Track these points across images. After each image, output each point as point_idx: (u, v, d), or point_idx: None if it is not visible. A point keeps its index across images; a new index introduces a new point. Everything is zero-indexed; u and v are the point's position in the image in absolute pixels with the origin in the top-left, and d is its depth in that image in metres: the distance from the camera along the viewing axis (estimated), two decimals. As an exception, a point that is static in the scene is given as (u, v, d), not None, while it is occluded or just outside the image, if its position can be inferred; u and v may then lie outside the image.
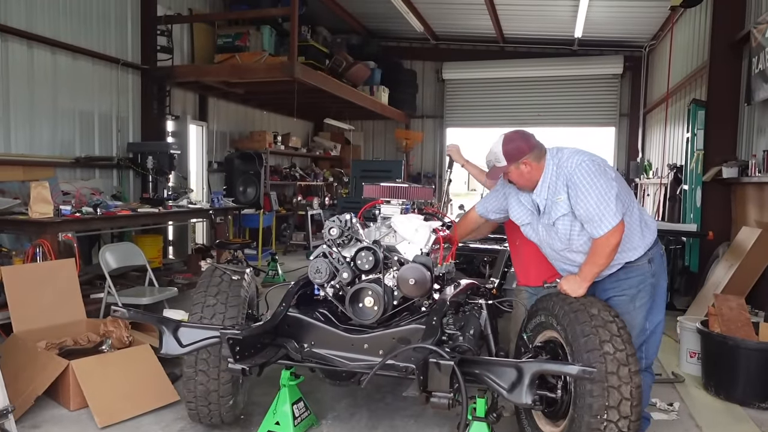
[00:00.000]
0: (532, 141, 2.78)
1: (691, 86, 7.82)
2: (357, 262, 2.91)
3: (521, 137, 2.79)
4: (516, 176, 2.81)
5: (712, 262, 5.97)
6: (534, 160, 2.75)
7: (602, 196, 2.57)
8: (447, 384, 2.17)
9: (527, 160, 2.74)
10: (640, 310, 2.77)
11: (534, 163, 2.75)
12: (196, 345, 2.66)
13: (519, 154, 2.73)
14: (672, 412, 3.59)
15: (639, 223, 2.79)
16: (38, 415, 3.35)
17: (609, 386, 2.32)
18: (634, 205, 2.80)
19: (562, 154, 2.74)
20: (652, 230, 2.84)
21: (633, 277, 2.77)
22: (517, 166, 2.76)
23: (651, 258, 2.79)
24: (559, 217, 2.72)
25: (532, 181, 2.79)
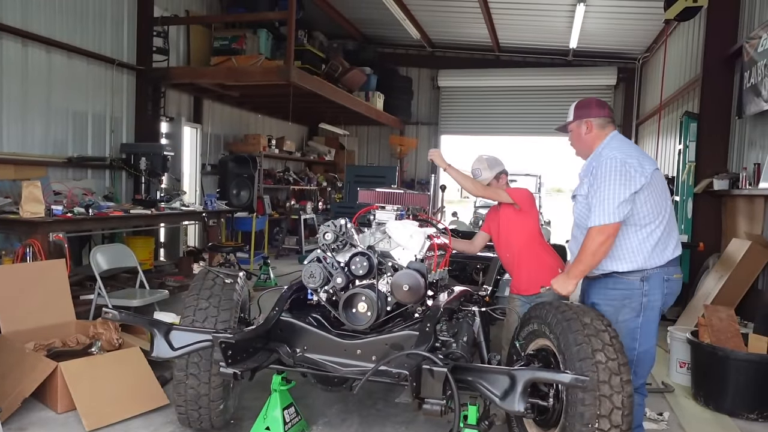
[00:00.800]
0: (602, 110, 2.87)
1: (684, 99, 7.90)
2: (351, 268, 2.91)
3: (596, 103, 2.91)
4: (575, 134, 2.92)
5: (702, 273, 6.01)
6: (596, 127, 2.85)
7: (609, 193, 2.61)
8: (440, 391, 2.17)
9: (590, 122, 2.86)
10: (623, 325, 2.69)
11: (594, 129, 2.85)
12: (188, 348, 2.64)
13: (584, 114, 2.87)
14: (662, 421, 3.60)
15: (655, 242, 2.68)
16: (25, 417, 3.31)
17: (601, 395, 2.33)
18: (660, 223, 2.70)
19: (609, 147, 2.78)
20: (665, 256, 2.72)
21: (620, 290, 2.74)
22: (579, 124, 2.89)
23: (645, 277, 2.71)
24: (578, 195, 2.84)
25: (587, 144, 2.87)
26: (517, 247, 3.49)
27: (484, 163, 3.61)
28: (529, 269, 3.45)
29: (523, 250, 3.48)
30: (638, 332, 2.73)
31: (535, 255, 3.47)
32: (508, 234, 3.53)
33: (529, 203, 3.52)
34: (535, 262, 3.45)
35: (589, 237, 2.65)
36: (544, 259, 3.47)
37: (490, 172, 3.60)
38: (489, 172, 3.60)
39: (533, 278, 3.36)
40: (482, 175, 3.59)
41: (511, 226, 3.52)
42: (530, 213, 3.51)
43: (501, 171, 3.65)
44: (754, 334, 3.98)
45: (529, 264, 3.46)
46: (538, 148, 7.61)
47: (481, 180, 3.57)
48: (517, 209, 3.51)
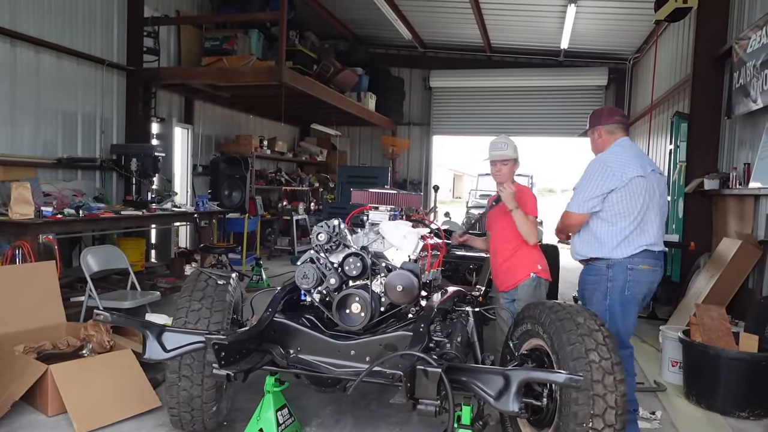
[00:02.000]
0: (611, 118, 3.23)
1: (674, 99, 7.96)
2: (344, 268, 2.90)
3: (606, 112, 3.29)
4: (591, 141, 3.33)
5: (693, 273, 6.05)
6: (606, 133, 3.22)
7: (583, 188, 3.09)
8: (434, 391, 2.17)
9: (600, 129, 3.23)
10: (594, 307, 3.05)
11: (604, 135, 3.22)
12: (181, 350, 2.61)
13: (595, 122, 3.26)
14: (654, 420, 3.62)
15: (621, 238, 3.05)
16: (15, 421, 3.27)
17: (594, 395, 2.33)
18: (630, 223, 3.03)
19: (611, 149, 3.16)
20: (629, 251, 3.05)
21: (592, 275, 3.17)
22: (592, 131, 3.28)
23: (610, 264, 3.07)
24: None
25: (600, 149, 3.24)
26: (515, 244, 3.54)
27: (511, 144, 3.53)
28: (505, 267, 3.59)
29: (519, 248, 3.54)
30: (607, 314, 3.05)
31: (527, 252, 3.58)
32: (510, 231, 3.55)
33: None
34: (522, 260, 3.56)
35: (563, 214, 3.23)
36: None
37: (514, 154, 3.54)
38: (513, 153, 3.53)
39: (508, 276, 3.56)
40: (506, 151, 3.49)
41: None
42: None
43: (517, 159, 3.61)
44: (745, 332, 4.01)
45: (505, 261, 3.60)
46: (529, 148, 7.73)
47: (503, 156, 3.48)
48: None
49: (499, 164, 3.50)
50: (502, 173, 3.51)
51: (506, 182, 3.45)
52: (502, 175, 3.51)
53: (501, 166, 3.50)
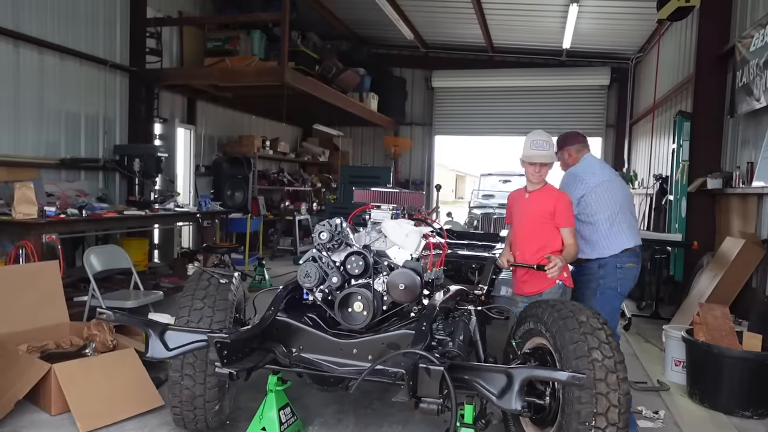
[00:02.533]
0: (577, 139, 3.71)
1: (677, 98, 7.94)
2: (347, 267, 2.90)
3: (573, 135, 3.74)
4: (562, 161, 3.72)
5: (696, 272, 6.04)
6: (575, 152, 3.68)
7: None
8: (437, 389, 2.17)
9: (569, 150, 3.68)
10: (584, 303, 3.19)
11: (573, 154, 3.67)
12: (183, 348, 2.62)
13: (564, 144, 3.70)
14: (657, 419, 3.61)
15: (603, 233, 3.51)
16: (18, 420, 3.28)
17: (597, 393, 2.33)
18: (605, 220, 3.51)
19: (580, 164, 3.65)
20: (615, 247, 3.51)
21: (584, 275, 3.54)
22: (561, 154, 3.70)
23: (602, 264, 3.50)
24: None
25: (570, 166, 3.66)
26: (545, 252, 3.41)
27: (551, 140, 3.28)
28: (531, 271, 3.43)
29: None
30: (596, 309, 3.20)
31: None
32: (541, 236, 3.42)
33: None
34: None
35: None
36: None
37: (554, 153, 3.32)
38: (553, 151, 3.31)
39: (534, 279, 3.36)
40: (549, 151, 3.21)
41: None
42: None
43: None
44: (748, 332, 3.99)
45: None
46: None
47: (547, 158, 3.19)
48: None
49: (539, 166, 3.22)
50: (542, 175, 3.26)
51: (555, 260, 3.05)
52: (542, 176, 3.26)
53: (541, 168, 3.22)
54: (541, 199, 3.30)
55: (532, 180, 3.30)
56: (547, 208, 3.25)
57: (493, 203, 11.44)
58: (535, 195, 3.33)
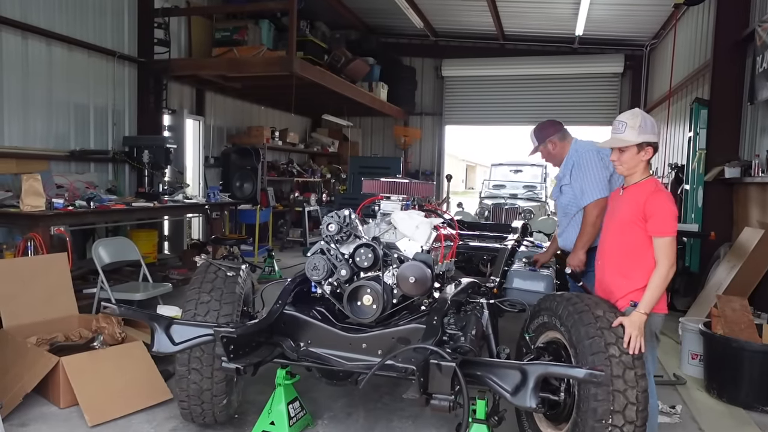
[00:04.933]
0: (555, 127, 3.54)
1: (694, 85, 7.76)
2: (356, 259, 2.83)
3: (549, 124, 3.57)
4: (545, 153, 3.55)
5: (713, 263, 5.91)
6: (558, 140, 3.50)
7: (596, 176, 3.28)
8: (448, 386, 2.10)
9: (553, 140, 3.50)
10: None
11: (558, 143, 3.50)
12: (189, 343, 2.58)
13: (545, 135, 3.52)
14: (674, 415, 3.52)
15: None
16: (27, 413, 3.27)
17: (614, 390, 2.25)
18: None
19: (582, 145, 3.46)
20: None
21: (592, 260, 3.22)
22: (545, 145, 3.53)
23: None
24: (564, 185, 3.47)
25: (558, 157, 3.51)
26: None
27: (636, 120, 2.60)
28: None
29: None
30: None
31: None
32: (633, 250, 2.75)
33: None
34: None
35: (587, 212, 3.28)
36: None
37: (636, 135, 2.58)
38: (635, 133, 2.58)
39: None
40: (624, 132, 2.60)
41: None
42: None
43: (652, 142, 2.63)
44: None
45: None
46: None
47: (621, 137, 2.62)
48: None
49: (617, 152, 2.66)
50: (622, 162, 2.65)
51: (629, 330, 2.37)
52: (621, 165, 2.66)
53: (620, 154, 2.64)
54: (632, 197, 2.63)
55: (617, 171, 2.75)
56: (636, 208, 2.57)
57: (504, 193, 11.34)
58: (629, 191, 2.69)
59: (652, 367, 2.60)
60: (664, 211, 2.52)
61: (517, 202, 10.57)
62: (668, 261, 2.47)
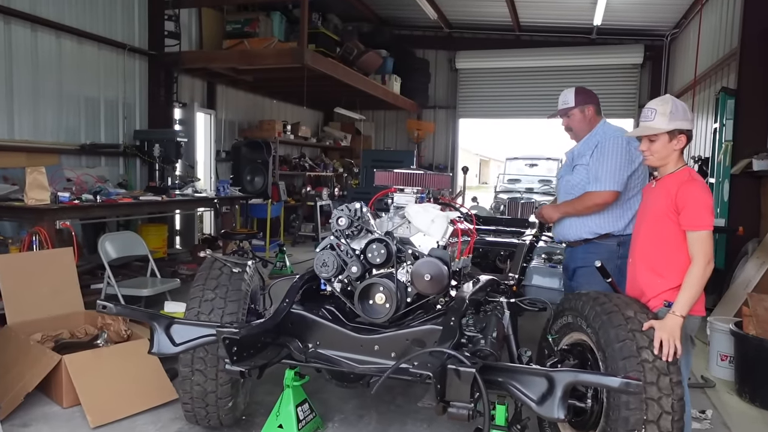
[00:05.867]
0: (596, 98, 3.30)
1: (718, 75, 7.48)
2: (367, 255, 2.67)
3: (590, 90, 3.31)
4: (578, 119, 3.24)
5: (740, 260, 5.67)
6: (595, 112, 3.25)
7: (616, 166, 3.03)
8: (467, 393, 1.93)
9: (591, 107, 3.24)
10: (599, 286, 2.83)
11: (593, 113, 3.24)
12: (191, 344, 2.44)
13: (586, 100, 3.23)
14: (704, 420, 3.33)
15: (633, 215, 3.06)
16: (29, 413, 3.18)
17: (648, 398, 2.08)
18: (637, 201, 2.99)
19: (611, 128, 3.23)
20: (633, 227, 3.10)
21: (600, 252, 3.05)
22: (582, 109, 3.23)
23: (621, 242, 3.08)
24: (578, 164, 3.20)
25: (586, 128, 3.24)
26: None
27: (666, 106, 2.41)
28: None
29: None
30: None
31: None
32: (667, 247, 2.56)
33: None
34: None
35: (589, 195, 3.09)
36: None
37: (667, 122, 2.39)
38: (665, 120, 2.39)
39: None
40: (654, 120, 2.42)
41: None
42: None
43: (685, 130, 2.41)
44: (804, 325, 3.67)
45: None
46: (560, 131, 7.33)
47: (650, 125, 2.43)
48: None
49: (647, 141, 2.48)
50: (653, 152, 2.47)
51: (659, 334, 2.18)
52: (652, 154, 2.48)
53: (650, 144, 2.47)
54: (665, 188, 2.44)
55: (647, 162, 2.57)
56: (669, 200, 2.38)
57: (520, 188, 11.13)
58: (661, 182, 2.50)
59: (685, 373, 2.41)
60: (697, 203, 2.32)
61: (533, 196, 10.36)
62: (704, 258, 2.27)
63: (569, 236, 3.25)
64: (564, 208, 3.23)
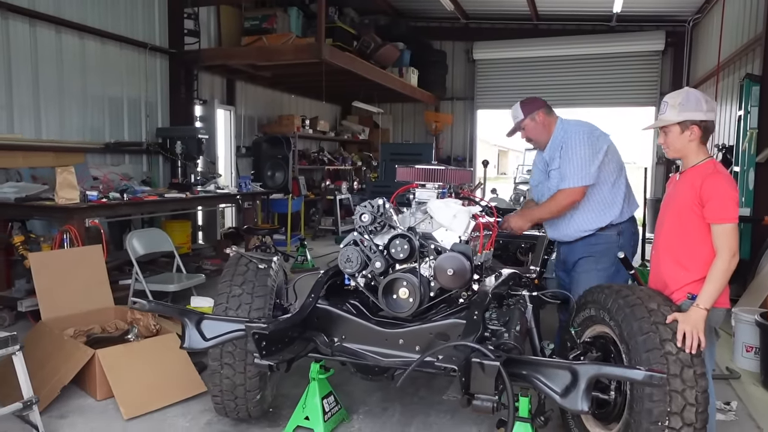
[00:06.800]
0: (540, 101, 3.37)
1: (743, 61, 7.33)
2: (391, 251, 2.71)
3: (535, 98, 3.41)
4: (531, 128, 3.33)
5: (765, 250, 5.59)
6: (546, 114, 3.31)
7: (582, 161, 3.12)
8: (492, 386, 1.97)
9: (540, 112, 3.30)
10: (600, 273, 3.18)
11: (546, 117, 3.31)
12: (221, 338, 2.52)
13: (532, 108, 3.31)
14: (729, 411, 3.32)
15: (624, 198, 3.26)
16: (65, 405, 3.30)
17: (671, 390, 2.09)
18: (623, 182, 3.27)
19: (569, 124, 3.29)
20: (631, 211, 3.33)
21: (601, 243, 3.23)
22: (532, 117, 3.30)
23: (621, 231, 3.25)
24: (552, 170, 3.28)
25: (544, 134, 3.31)
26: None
27: (677, 98, 2.43)
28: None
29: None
30: (612, 280, 3.11)
31: None
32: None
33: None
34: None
35: (560, 194, 3.18)
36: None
37: (677, 114, 2.41)
38: (675, 112, 2.41)
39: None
40: (666, 113, 2.45)
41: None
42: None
43: (697, 121, 2.39)
44: (832, 315, 3.63)
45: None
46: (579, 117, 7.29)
47: (661, 118, 2.47)
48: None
49: (662, 134, 2.50)
50: (668, 145, 2.49)
51: (682, 327, 2.19)
52: (668, 147, 2.50)
53: (665, 136, 2.48)
54: (689, 181, 2.42)
55: (667, 155, 2.55)
56: (693, 192, 2.36)
57: (540, 178, 11.03)
58: (685, 175, 2.48)
59: (710, 365, 2.41)
60: (721, 195, 2.30)
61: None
62: (729, 251, 2.27)
63: (570, 237, 3.32)
64: (536, 214, 3.33)
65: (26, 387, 2.82)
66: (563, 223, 3.32)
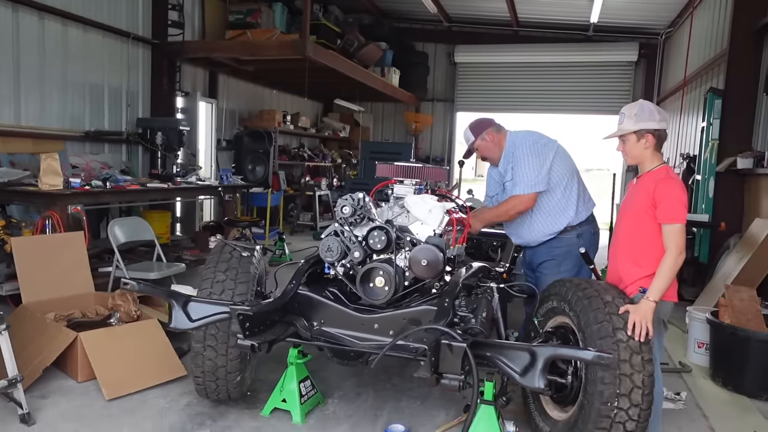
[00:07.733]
0: (488, 120, 3.57)
1: (709, 75, 7.68)
2: (369, 242, 2.89)
3: (482, 119, 3.59)
4: (483, 147, 3.51)
5: (722, 254, 5.91)
6: (495, 132, 3.49)
7: (530, 169, 3.30)
8: (459, 366, 2.15)
9: (489, 131, 3.48)
10: (563, 275, 3.24)
11: (495, 135, 3.48)
12: (206, 320, 2.65)
13: (480, 129, 3.50)
14: (679, 401, 3.57)
15: (577, 200, 3.41)
16: (46, 386, 3.37)
17: (621, 374, 2.30)
18: (575, 185, 3.43)
19: (517, 136, 3.46)
20: (588, 210, 3.47)
21: (562, 246, 3.40)
22: (482, 138, 3.49)
23: (580, 233, 3.40)
24: (507, 182, 3.45)
25: (496, 151, 3.49)
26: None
27: (633, 109, 2.65)
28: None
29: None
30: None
31: None
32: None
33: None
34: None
35: (512, 200, 3.36)
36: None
37: (633, 124, 2.61)
38: (631, 122, 2.62)
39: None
40: (623, 123, 2.67)
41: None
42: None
43: (651, 130, 2.61)
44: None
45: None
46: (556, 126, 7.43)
47: (619, 128, 2.70)
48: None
49: (621, 143, 2.72)
50: (626, 152, 2.71)
51: (633, 317, 2.39)
52: (626, 155, 2.72)
53: (623, 145, 2.71)
54: (644, 185, 2.63)
55: (626, 162, 2.78)
56: (647, 196, 2.57)
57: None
58: (641, 180, 2.69)
59: (659, 354, 2.63)
60: (672, 198, 2.51)
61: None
62: (677, 248, 2.48)
63: (532, 242, 3.51)
64: (487, 216, 3.51)
65: (11, 365, 2.90)
66: (524, 230, 3.49)
